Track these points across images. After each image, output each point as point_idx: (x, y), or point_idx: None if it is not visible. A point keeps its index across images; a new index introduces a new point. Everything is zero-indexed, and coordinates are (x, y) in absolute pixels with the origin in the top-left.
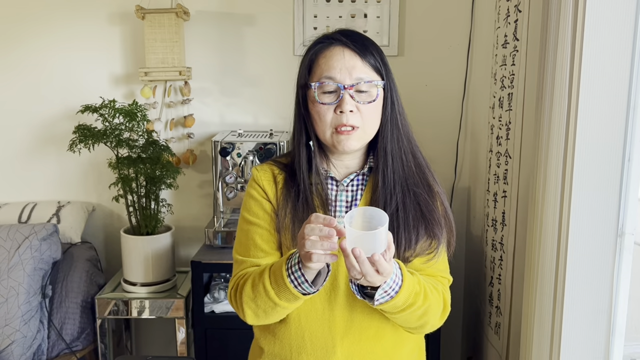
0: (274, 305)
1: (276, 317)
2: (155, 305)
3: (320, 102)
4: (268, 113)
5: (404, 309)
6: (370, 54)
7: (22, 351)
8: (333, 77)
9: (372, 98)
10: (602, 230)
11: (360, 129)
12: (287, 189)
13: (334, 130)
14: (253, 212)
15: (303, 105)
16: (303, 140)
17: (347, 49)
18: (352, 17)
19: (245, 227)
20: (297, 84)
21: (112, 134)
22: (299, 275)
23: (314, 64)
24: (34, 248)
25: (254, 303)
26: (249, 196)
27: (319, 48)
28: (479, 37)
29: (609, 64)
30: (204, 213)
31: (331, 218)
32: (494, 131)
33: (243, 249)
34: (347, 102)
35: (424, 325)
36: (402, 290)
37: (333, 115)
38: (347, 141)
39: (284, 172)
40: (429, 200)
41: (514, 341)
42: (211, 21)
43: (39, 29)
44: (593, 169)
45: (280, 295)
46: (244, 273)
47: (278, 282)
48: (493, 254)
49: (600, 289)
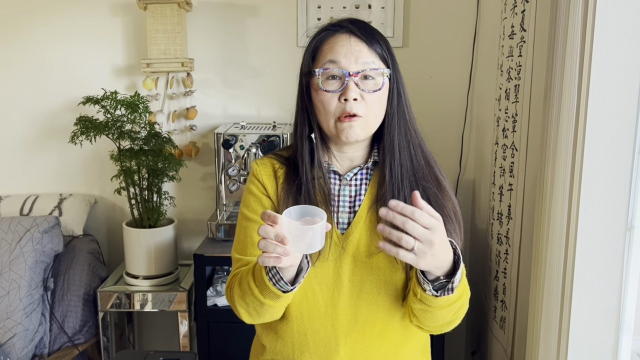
0: (260, 304)
1: (268, 316)
2: (158, 299)
3: (324, 90)
4: (271, 105)
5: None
6: (377, 42)
7: (24, 344)
8: (338, 62)
9: (378, 86)
10: (611, 224)
11: (364, 118)
12: (288, 184)
13: (337, 119)
14: (251, 209)
15: (307, 94)
16: (306, 132)
17: (353, 36)
18: (356, 8)
19: (244, 224)
20: (301, 73)
21: (114, 126)
22: (274, 273)
23: (318, 51)
24: (36, 241)
25: (244, 302)
26: (248, 191)
27: (324, 35)
28: (484, 28)
29: (621, 55)
30: (206, 206)
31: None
32: (500, 123)
33: (240, 247)
34: (352, 90)
35: (452, 321)
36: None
37: (337, 103)
38: (351, 129)
39: (285, 165)
40: (439, 194)
41: (519, 335)
42: (214, 12)
43: (40, 20)
44: (602, 162)
45: (263, 293)
46: (237, 272)
47: (259, 281)
48: (498, 248)
49: (609, 283)
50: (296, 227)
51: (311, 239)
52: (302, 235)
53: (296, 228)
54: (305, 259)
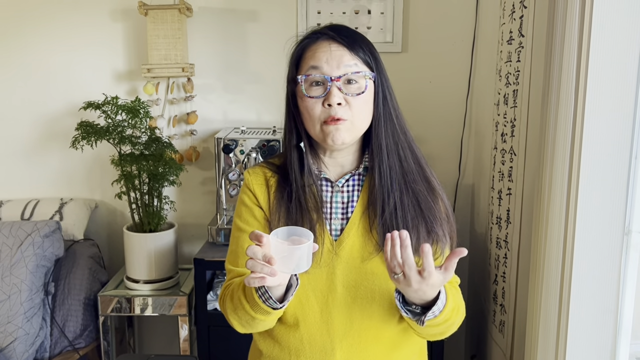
0: (252, 318)
1: (261, 328)
2: (158, 303)
3: (308, 96)
4: (271, 110)
5: (439, 324)
6: (359, 47)
7: (24, 348)
8: (320, 68)
9: (362, 90)
10: (608, 228)
11: (350, 121)
12: (279, 192)
13: (322, 122)
14: (244, 219)
15: (292, 102)
16: (294, 141)
17: (334, 42)
18: (355, 14)
19: (236, 235)
20: (287, 81)
21: (115, 131)
22: (264, 292)
23: (301, 58)
24: (37, 245)
25: (236, 315)
26: (240, 202)
27: (305, 43)
28: (483, 34)
29: (617, 60)
30: (206, 210)
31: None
32: (498, 128)
33: (233, 257)
34: (335, 95)
35: (444, 333)
36: (445, 309)
37: (321, 109)
38: (337, 132)
39: (276, 174)
40: (429, 197)
41: (518, 339)
42: (214, 17)
43: (41, 25)
44: (600, 167)
45: (254, 309)
46: (230, 283)
47: (250, 297)
48: (497, 252)
49: (606, 287)
50: (284, 247)
51: (298, 259)
52: (289, 255)
53: (284, 249)
54: (295, 276)
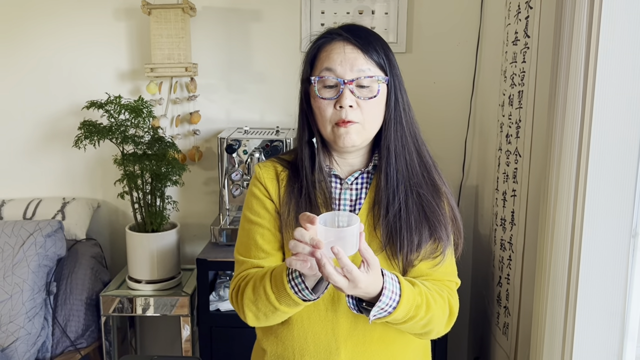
0: (274, 310)
1: (277, 320)
2: (160, 303)
3: (320, 97)
4: (274, 110)
5: (405, 321)
6: (373, 50)
7: (26, 348)
8: (333, 70)
9: (374, 94)
10: (615, 230)
11: (360, 124)
12: (290, 187)
13: (334, 124)
14: (255, 211)
15: (306, 101)
16: (306, 137)
17: (348, 43)
18: (359, 14)
19: (247, 227)
20: (300, 80)
21: (118, 130)
22: (299, 282)
23: (316, 58)
24: (39, 245)
25: (254, 306)
26: (251, 194)
27: (321, 43)
28: (488, 34)
29: (626, 60)
30: (209, 210)
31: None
32: (503, 129)
33: (244, 249)
34: (347, 97)
35: (429, 332)
36: (400, 306)
37: (333, 110)
38: (347, 135)
39: (287, 169)
40: (434, 201)
41: (522, 342)
42: (217, 17)
43: (44, 24)
44: (607, 168)
45: (280, 300)
46: (245, 274)
47: (278, 287)
48: (502, 254)
49: (613, 289)
50: (331, 231)
51: (344, 242)
52: (335, 240)
53: (331, 233)
54: None
